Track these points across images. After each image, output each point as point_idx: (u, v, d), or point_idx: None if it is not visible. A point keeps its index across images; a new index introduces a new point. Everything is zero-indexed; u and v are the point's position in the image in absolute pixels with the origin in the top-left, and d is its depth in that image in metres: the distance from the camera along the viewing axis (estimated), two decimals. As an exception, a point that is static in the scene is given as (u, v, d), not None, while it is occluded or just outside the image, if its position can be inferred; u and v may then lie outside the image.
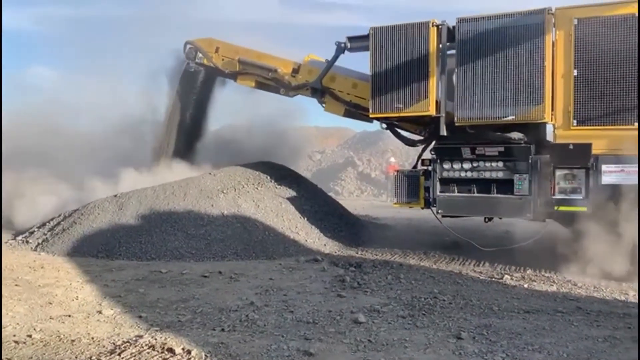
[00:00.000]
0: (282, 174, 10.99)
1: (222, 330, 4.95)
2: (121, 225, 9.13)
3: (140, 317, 5.34)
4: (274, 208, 9.63)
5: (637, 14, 7.07)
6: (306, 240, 9.19)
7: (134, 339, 4.63)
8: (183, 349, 4.35)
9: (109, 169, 11.45)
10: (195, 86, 11.62)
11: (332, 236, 9.66)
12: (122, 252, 8.53)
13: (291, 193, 10.34)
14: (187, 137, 12.10)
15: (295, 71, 10.02)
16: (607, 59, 7.26)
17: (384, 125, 8.85)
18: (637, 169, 7.12)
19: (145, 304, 5.85)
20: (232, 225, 9.06)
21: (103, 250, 8.62)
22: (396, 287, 6.58)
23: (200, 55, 11.02)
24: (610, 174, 7.32)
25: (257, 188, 10.03)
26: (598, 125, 7.35)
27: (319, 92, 9.68)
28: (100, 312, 5.50)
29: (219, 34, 11.27)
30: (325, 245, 9.26)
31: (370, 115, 8.53)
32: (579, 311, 5.62)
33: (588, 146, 7.30)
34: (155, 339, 4.53)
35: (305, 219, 9.75)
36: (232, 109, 13.39)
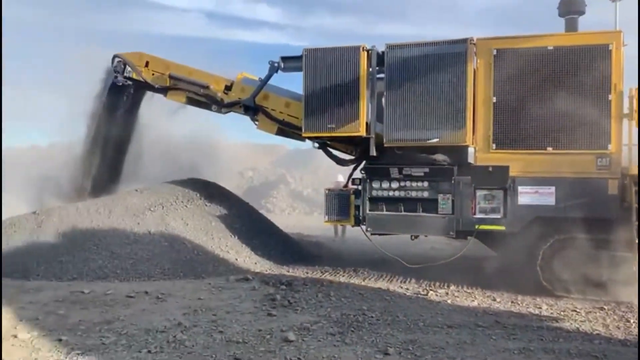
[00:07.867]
0: (212, 192, 10.86)
1: (149, 352, 4.82)
2: (40, 244, 8.68)
3: (60, 340, 5.09)
4: (203, 226, 9.49)
5: (549, 47, 7.68)
6: (236, 259, 9.11)
7: (52, 364, 4.42)
8: (106, 373, 4.20)
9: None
10: (122, 101, 11.27)
11: (262, 255, 9.62)
12: (40, 272, 8.10)
13: (221, 211, 10.23)
14: (113, 154, 11.63)
15: (228, 88, 9.99)
16: (522, 87, 7.81)
17: (317, 145, 9.01)
18: (552, 191, 7.67)
19: (66, 326, 5.58)
20: (159, 244, 8.83)
21: (19, 271, 8.14)
22: (326, 304, 6.67)
23: (129, 69, 10.74)
24: (525, 195, 7.84)
25: (186, 206, 9.85)
26: (514, 149, 7.87)
27: (252, 110, 9.68)
28: (15, 336, 5.19)
29: (146, 48, 11.05)
30: (256, 264, 9.22)
31: (303, 135, 8.66)
32: (497, 325, 5.94)
33: (506, 168, 7.78)
34: (76, 364, 4.34)
35: (236, 237, 9.67)
36: (159, 124, 13.01)
